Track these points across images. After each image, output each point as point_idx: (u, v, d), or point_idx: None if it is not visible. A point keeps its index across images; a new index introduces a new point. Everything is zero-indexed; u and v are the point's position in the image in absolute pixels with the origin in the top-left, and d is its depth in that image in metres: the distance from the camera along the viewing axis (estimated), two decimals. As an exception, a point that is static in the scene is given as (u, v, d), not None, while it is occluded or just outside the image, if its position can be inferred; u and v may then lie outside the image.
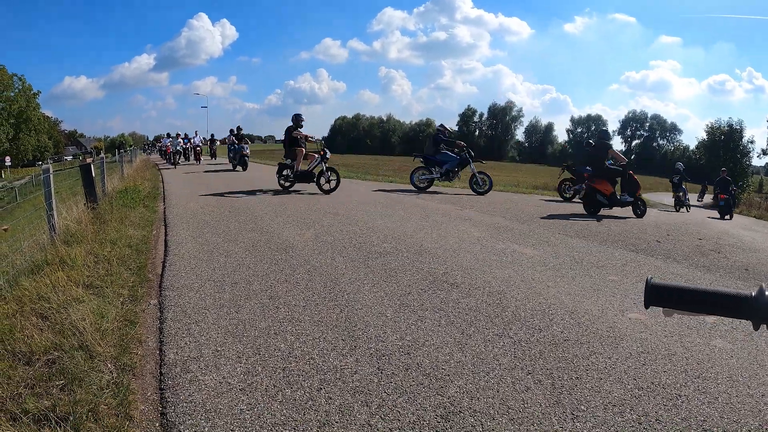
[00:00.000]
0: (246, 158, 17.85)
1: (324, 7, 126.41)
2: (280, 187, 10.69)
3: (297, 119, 10.68)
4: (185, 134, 25.10)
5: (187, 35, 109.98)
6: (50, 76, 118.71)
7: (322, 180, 10.27)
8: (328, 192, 10.14)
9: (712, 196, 19.40)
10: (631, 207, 9.14)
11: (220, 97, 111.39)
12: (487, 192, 11.18)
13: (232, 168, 18.14)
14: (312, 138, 11.00)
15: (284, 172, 10.74)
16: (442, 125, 12.28)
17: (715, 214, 14.85)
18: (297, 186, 10.88)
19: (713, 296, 0.73)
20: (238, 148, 17.98)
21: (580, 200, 9.82)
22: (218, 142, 27.65)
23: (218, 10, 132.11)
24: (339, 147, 75.17)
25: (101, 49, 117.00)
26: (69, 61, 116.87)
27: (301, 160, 10.47)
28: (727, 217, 14.36)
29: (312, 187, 10.64)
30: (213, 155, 25.91)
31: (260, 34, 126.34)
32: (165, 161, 22.23)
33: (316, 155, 10.50)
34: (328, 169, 10.33)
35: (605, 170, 8.97)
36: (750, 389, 2.46)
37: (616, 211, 9.02)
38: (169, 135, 24.40)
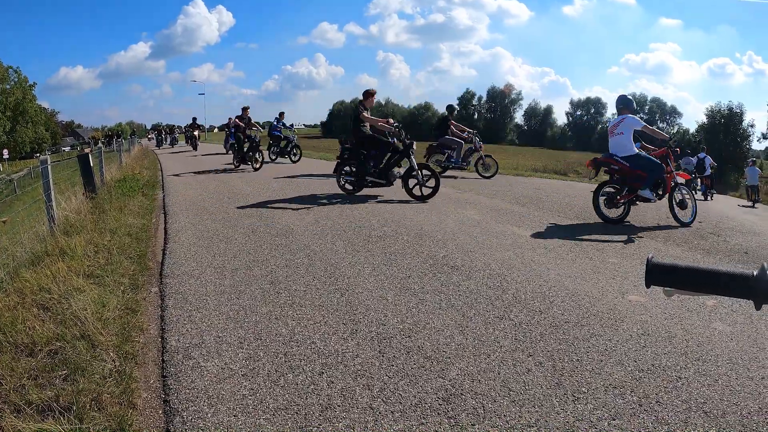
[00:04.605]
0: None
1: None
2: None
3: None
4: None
5: (183, 22, 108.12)
6: (46, 66, 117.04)
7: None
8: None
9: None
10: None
11: (216, 83, 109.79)
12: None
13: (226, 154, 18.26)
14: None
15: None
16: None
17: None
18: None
19: (715, 275, 0.72)
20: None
21: None
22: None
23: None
24: (337, 132, 74.58)
25: (97, 38, 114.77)
26: (64, 51, 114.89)
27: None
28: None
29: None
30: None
31: (257, 19, 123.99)
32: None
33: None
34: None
35: None
36: (750, 372, 2.46)
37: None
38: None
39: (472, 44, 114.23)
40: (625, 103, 6.35)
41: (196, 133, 23.00)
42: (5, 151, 45.87)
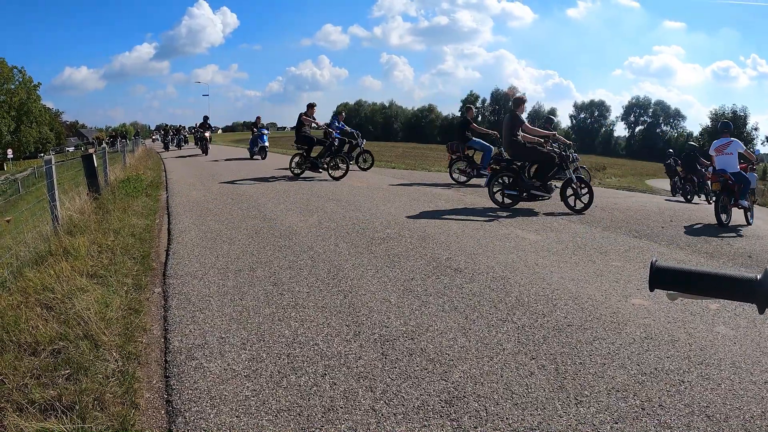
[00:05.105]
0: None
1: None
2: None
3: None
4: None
5: (187, 24, 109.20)
6: (50, 67, 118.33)
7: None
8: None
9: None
10: None
11: (220, 85, 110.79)
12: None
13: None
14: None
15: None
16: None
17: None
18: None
19: (718, 279, 0.72)
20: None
21: None
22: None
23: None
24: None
25: (101, 39, 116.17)
26: (69, 52, 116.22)
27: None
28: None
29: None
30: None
31: (261, 21, 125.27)
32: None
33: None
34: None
35: None
36: (753, 376, 2.45)
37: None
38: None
39: (475, 46, 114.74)
40: (728, 128, 7.67)
41: (207, 134, 20.05)
42: (9, 151, 46.20)
